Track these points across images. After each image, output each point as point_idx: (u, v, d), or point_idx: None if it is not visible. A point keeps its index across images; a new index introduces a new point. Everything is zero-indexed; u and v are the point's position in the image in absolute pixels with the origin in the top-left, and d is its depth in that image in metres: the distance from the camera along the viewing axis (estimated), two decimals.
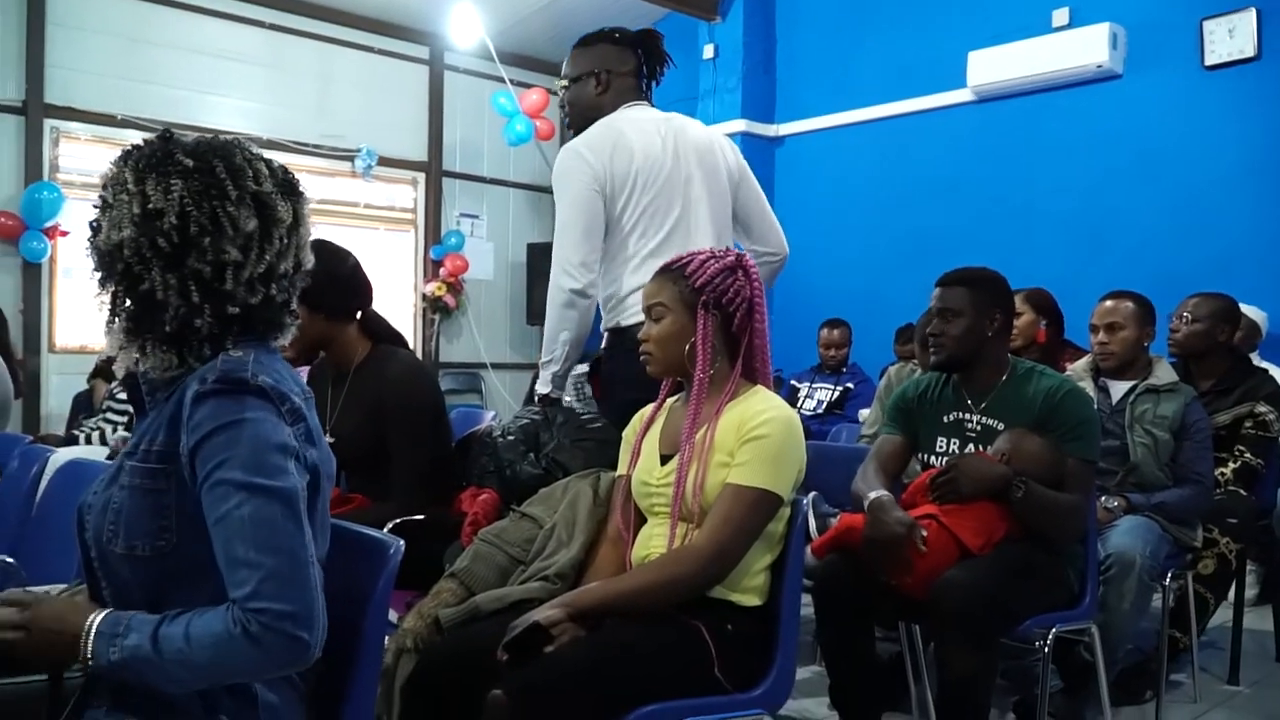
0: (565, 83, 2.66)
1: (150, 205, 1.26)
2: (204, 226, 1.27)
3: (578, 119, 2.62)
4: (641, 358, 1.99)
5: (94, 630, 1.21)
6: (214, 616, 1.19)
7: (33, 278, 6.17)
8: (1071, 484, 2.35)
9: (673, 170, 2.47)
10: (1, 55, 6.07)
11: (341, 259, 2.52)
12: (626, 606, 1.77)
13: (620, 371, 2.49)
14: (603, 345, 2.62)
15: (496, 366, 8.31)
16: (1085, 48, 5.49)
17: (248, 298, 1.31)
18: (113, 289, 1.30)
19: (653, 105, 2.65)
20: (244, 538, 1.18)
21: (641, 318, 2.04)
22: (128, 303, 1.29)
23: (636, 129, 2.48)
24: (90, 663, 1.20)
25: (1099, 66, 5.46)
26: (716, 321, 1.93)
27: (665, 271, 1.99)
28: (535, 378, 2.76)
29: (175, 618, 1.21)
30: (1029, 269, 2.55)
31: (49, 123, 6.18)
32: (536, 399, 2.53)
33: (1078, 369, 3.28)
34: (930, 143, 6.29)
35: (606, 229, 2.45)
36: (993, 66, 5.86)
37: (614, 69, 2.58)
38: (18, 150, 6.09)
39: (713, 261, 1.94)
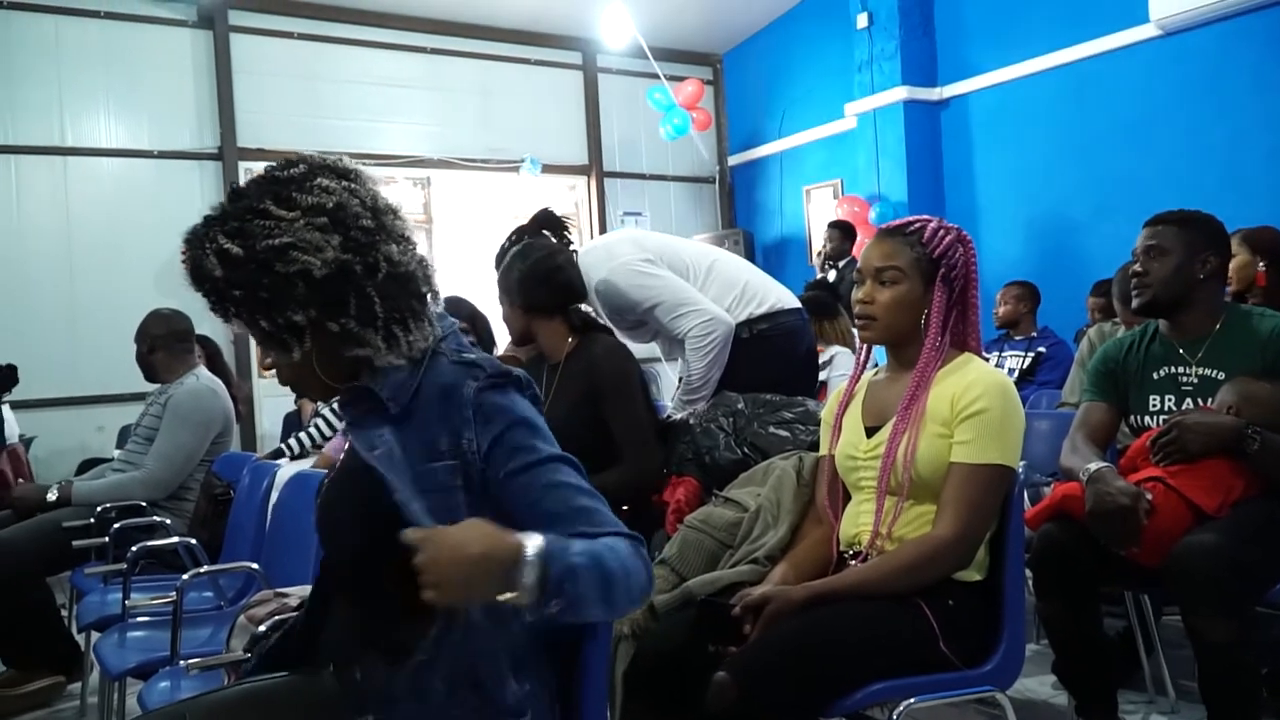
0: None
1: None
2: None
3: None
4: (859, 321, 1.92)
5: (539, 545, 1.16)
6: (613, 540, 1.26)
7: None
8: None
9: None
10: (197, 109, 6.62)
11: (528, 256, 2.64)
12: (874, 595, 1.73)
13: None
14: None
15: (672, 359, 8.33)
16: None
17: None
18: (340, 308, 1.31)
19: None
20: (580, 491, 1.31)
21: None
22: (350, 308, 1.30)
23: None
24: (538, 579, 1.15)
25: None
26: (945, 294, 1.86)
27: (897, 234, 1.90)
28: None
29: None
30: (1236, 210, 2.36)
31: (243, 165, 6.65)
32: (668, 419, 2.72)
33: None
34: (1113, 87, 5.90)
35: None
36: None
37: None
38: (217, 193, 6.56)
39: (944, 231, 1.88)
